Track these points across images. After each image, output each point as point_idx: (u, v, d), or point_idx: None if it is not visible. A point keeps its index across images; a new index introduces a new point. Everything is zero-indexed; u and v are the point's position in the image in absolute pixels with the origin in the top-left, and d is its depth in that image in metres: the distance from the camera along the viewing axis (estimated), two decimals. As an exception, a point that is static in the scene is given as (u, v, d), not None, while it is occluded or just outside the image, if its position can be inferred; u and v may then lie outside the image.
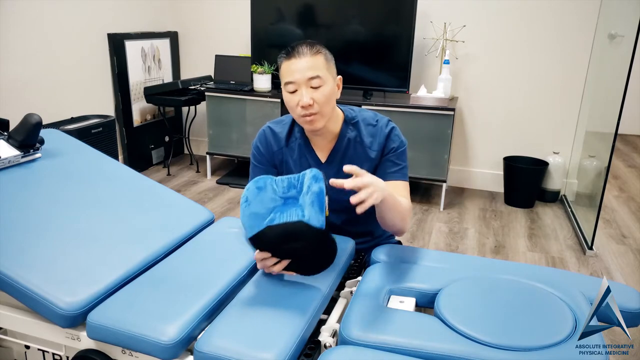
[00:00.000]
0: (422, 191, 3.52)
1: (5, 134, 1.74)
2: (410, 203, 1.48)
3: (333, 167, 1.50)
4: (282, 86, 1.42)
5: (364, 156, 1.48)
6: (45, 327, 1.26)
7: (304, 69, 1.35)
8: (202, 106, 3.72)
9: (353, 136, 1.48)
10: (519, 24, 3.21)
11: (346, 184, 1.15)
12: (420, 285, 1.30)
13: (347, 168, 1.18)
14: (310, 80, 1.35)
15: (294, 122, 1.52)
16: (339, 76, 1.45)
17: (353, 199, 1.15)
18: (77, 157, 1.84)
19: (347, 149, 1.49)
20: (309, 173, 1.23)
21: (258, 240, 1.21)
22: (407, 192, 1.50)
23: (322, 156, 1.51)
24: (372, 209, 1.55)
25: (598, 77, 3.04)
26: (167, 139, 3.95)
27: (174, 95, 3.52)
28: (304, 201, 1.21)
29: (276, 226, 1.19)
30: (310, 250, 1.21)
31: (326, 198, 1.20)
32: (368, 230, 1.61)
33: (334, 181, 1.17)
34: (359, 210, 1.17)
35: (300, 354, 1.13)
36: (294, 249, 1.21)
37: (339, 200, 1.55)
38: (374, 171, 1.49)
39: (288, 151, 1.52)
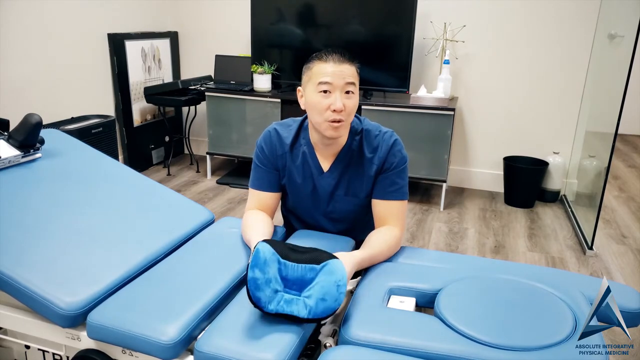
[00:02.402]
0: (422, 191, 3.52)
1: (6, 134, 1.74)
2: (401, 228, 1.47)
3: (334, 176, 1.51)
4: (308, 86, 1.40)
5: (364, 169, 1.48)
6: (46, 327, 1.26)
7: (344, 73, 1.35)
8: (202, 106, 3.72)
9: (356, 147, 1.48)
10: (519, 24, 3.21)
11: None
12: (420, 285, 1.30)
13: None
14: (347, 85, 1.35)
15: (300, 128, 1.52)
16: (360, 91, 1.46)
17: None
18: (77, 157, 1.84)
19: (350, 160, 1.49)
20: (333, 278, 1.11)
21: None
22: (403, 213, 1.49)
23: (325, 165, 1.51)
24: (370, 219, 1.56)
25: (598, 77, 3.04)
26: (167, 139, 3.95)
27: (174, 95, 3.52)
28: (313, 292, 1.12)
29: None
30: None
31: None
32: (364, 239, 1.61)
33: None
34: None
35: (300, 354, 1.13)
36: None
37: (339, 211, 1.56)
38: (372, 186, 1.49)
39: (291, 157, 1.51)
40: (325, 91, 1.35)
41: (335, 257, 1.15)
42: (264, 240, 1.15)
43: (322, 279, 1.11)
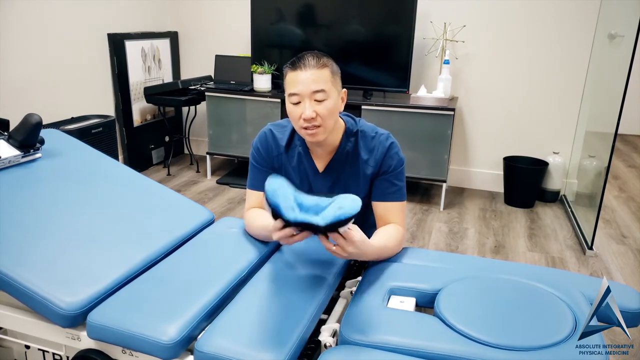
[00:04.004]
0: (422, 191, 3.52)
1: (6, 134, 1.74)
2: (402, 229, 1.48)
3: (330, 177, 1.50)
4: (285, 96, 1.42)
5: (360, 171, 1.48)
6: (46, 327, 1.26)
7: (308, 81, 1.34)
8: (202, 106, 3.72)
9: (351, 149, 1.47)
10: (519, 23, 3.21)
11: (336, 247, 1.18)
12: (420, 285, 1.30)
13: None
14: (314, 93, 1.34)
15: (294, 129, 1.52)
16: (344, 89, 1.44)
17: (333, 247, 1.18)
18: (77, 157, 1.84)
19: (345, 161, 1.48)
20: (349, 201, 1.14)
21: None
22: (403, 213, 1.49)
23: (320, 166, 1.50)
24: (367, 219, 1.56)
25: (598, 77, 3.04)
26: (167, 139, 3.95)
27: (174, 95, 3.52)
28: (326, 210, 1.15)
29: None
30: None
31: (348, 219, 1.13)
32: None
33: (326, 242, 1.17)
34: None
35: (300, 354, 1.13)
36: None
37: None
38: (369, 187, 1.49)
39: (287, 158, 1.51)
40: (296, 101, 1.36)
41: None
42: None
43: (337, 199, 1.12)
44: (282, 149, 1.51)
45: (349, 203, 1.10)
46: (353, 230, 1.18)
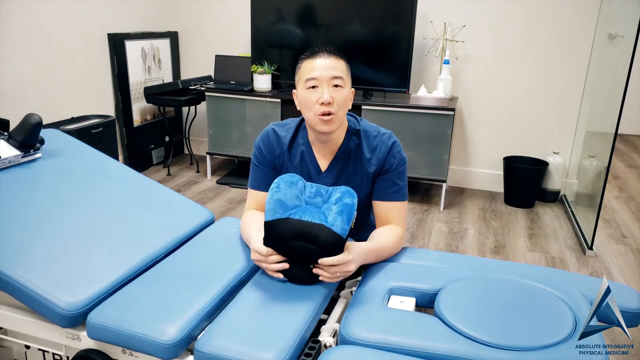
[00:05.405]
0: (422, 191, 3.52)
1: (6, 134, 1.74)
2: (403, 228, 1.49)
3: (332, 176, 1.50)
4: (298, 86, 1.42)
5: (363, 170, 1.48)
6: (46, 327, 1.26)
7: (329, 67, 1.37)
8: (202, 106, 3.72)
9: (354, 147, 1.48)
10: (519, 23, 3.21)
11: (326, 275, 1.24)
12: (420, 285, 1.30)
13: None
14: (333, 79, 1.37)
15: (298, 128, 1.52)
16: (352, 89, 1.46)
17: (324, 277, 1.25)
18: (77, 157, 1.84)
19: (348, 160, 1.49)
20: (342, 189, 1.27)
21: (273, 228, 1.21)
22: (404, 212, 1.50)
23: (323, 165, 1.50)
24: (368, 219, 1.56)
25: (598, 77, 3.04)
26: (167, 139, 3.95)
27: (174, 95, 3.52)
28: (329, 209, 1.23)
29: (297, 221, 1.20)
30: (320, 255, 1.21)
31: (355, 213, 1.23)
32: (365, 238, 1.61)
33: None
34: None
35: (300, 354, 1.13)
36: (303, 249, 1.20)
37: None
38: (372, 186, 1.49)
39: (289, 156, 1.51)
40: (313, 87, 1.38)
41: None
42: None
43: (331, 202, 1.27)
44: (285, 148, 1.51)
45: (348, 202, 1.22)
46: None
